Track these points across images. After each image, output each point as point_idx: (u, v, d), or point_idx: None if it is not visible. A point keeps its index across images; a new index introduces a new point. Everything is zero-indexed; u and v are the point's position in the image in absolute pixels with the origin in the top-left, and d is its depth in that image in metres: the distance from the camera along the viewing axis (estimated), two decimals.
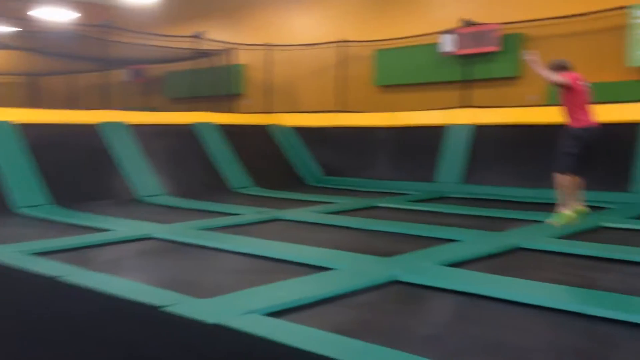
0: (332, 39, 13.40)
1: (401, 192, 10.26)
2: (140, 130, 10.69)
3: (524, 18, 10.70)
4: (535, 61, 5.56)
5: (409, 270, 4.62)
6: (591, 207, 7.66)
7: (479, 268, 4.86)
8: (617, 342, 3.31)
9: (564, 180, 5.62)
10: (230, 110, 14.14)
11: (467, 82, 11.46)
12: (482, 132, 10.54)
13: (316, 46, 13.60)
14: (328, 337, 3.25)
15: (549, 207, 7.73)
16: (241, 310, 3.62)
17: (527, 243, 5.67)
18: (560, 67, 5.69)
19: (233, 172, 11.26)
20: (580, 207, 5.75)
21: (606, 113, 9.02)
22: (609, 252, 5.30)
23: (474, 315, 3.81)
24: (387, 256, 5.17)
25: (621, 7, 9.58)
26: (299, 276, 4.55)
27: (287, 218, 7.57)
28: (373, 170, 11.71)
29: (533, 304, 3.89)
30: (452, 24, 11.53)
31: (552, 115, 9.79)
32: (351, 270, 4.70)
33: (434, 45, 11.81)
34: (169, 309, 3.64)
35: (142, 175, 9.99)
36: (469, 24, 11.29)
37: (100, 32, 11.80)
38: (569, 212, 5.71)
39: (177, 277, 4.77)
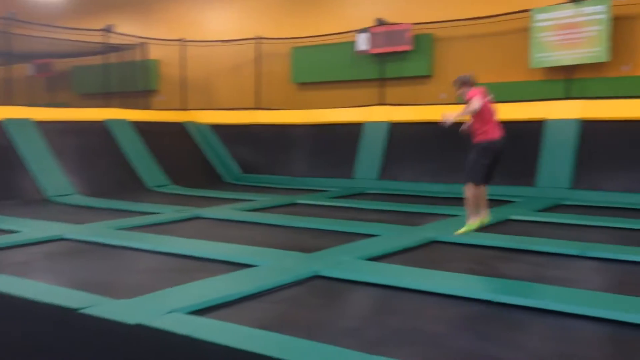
0: (248, 36, 13.33)
1: (320, 189, 10.38)
2: (49, 127, 10.24)
3: (434, 19, 11.06)
4: (450, 115, 5.61)
5: (330, 265, 4.70)
6: (500, 200, 8.09)
7: (397, 261, 5.02)
8: (525, 326, 3.52)
9: (473, 191, 5.80)
10: (144, 107, 13.78)
11: (382, 81, 11.72)
12: (397, 130, 10.83)
13: (232, 42, 13.48)
14: (252, 332, 3.26)
15: (460, 201, 8.07)
16: (163, 309, 3.56)
17: (442, 236, 5.90)
18: (468, 83, 5.81)
19: (149, 170, 10.99)
20: (485, 217, 5.97)
21: (513, 111, 9.55)
22: (517, 243, 5.59)
23: (393, 307, 3.93)
24: (308, 252, 5.23)
25: (525, 11, 10.10)
26: (221, 274, 4.53)
27: (207, 216, 7.49)
28: (291, 167, 11.78)
29: (448, 293, 4.07)
30: (366, 23, 11.76)
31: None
32: (274, 266, 4.72)
33: (349, 44, 12.00)
34: (87, 311, 3.53)
35: (51, 174, 9.57)
36: (383, 23, 11.56)
37: (2, 24, 11.17)
38: (474, 223, 5.91)
39: (93, 278, 4.62)
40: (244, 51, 13.54)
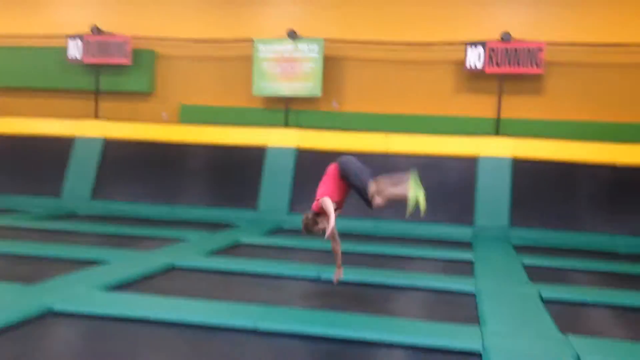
0: None
1: (18, 208, 9.03)
2: None
3: (157, 35, 10.68)
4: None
5: (64, 298, 4.03)
6: (225, 225, 8.06)
7: (141, 289, 4.56)
8: (247, 346, 3.56)
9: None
10: None
11: (96, 93, 10.83)
12: (113, 147, 10.07)
13: None
14: None
15: (185, 224, 7.87)
16: None
17: (180, 261, 5.56)
18: (315, 218, 4.84)
19: None
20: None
21: (237, 136, 9.68)
22: (254, 266, 5.56)
23: (142, 341, 3.54)
24: (32, 283, 4.42)
25: (248, 40, 10.38)
26: None
27: None
28: None
29: (197, 322, 3.86)
30: (81, 29, 10.79)
31: (183, 134, 10.03)
32: None
33: (60, 49, 10.85)
34: None
35: None
36: (99, 31, 10.73)
37: None
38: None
39: None
40: None
